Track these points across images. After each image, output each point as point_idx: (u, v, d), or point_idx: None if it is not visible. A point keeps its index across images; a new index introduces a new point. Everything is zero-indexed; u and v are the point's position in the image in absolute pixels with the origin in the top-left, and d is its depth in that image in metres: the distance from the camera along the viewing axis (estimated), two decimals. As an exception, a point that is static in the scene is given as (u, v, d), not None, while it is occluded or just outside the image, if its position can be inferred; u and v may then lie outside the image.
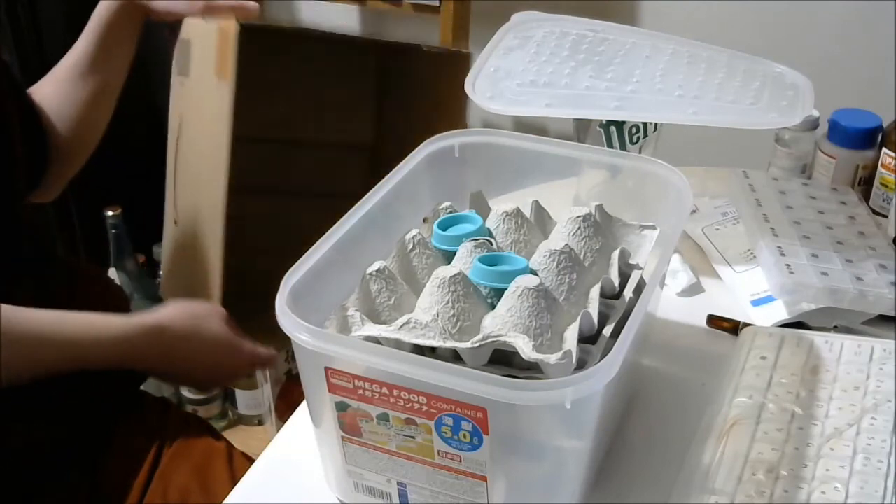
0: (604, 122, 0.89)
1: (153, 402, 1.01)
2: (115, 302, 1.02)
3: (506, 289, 0.62)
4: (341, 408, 0.61)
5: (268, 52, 1.42)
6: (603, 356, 0.58)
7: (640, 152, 0.92)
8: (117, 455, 0.92)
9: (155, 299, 1.72)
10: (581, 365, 0.60)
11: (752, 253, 0.94)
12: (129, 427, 0.94)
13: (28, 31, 1.61)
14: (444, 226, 0.72)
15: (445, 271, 0.63)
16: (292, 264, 0.63)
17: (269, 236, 1.32)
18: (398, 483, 0.64)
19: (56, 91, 1.04)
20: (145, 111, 1.57)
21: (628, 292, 0.68)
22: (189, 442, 0.95)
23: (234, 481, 0.73)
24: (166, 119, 1.39)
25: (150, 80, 1.46)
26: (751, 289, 0.90)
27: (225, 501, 0.70)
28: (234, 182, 1.25)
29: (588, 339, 0.63)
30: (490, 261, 0.66)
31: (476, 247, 0.68)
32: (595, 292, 0.65)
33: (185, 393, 1.72)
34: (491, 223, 0.73)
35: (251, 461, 0.89)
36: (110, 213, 1.61)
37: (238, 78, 1.22)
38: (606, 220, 0.74)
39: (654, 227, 0.75)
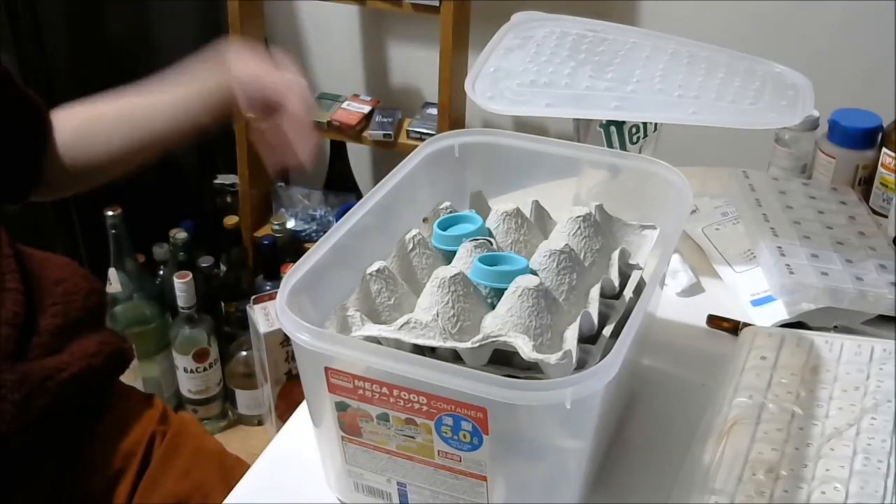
0: (604, 122, 0.89)
1: (140, 398, 0.98)
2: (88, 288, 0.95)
3: (506, 289, 0.62)
4: (341, 408, 0.61)
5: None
6: (603, 356, 0.58)
7: (640, 152, 0.92)
8: (100, 454, 0.89)
9: (155, 299, 1.73)
10: (581, 365, 0.60)
11: (752, 253, 0.94)
12: (116, 425, 0.91)
13: (28, 31, 1.61)
14: (444, 226, 0.72)
15: (445, 271, 0.63)
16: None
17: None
18: (398, 483, 0.64)
19: (92, 123, 0.94)
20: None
21: (628, 292, 0.68)
22: (179, 442, 0.93)
23: (225, 483, 0.72)
24: None
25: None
26: (751, 289, 0.90)
27: (225, 501, 0.70)
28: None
29: (588, 339, 0.63)
30: (490, 261, 0.66)
31: (476, 247, 0.68)
32: (595, 292, 0.65)
33: (186, 393, 1.72)
34: (491, 223, 0.73)
35: (244, 463, 0.88)
36: (110, 213, 1.61)
37: None
38: (606, 220, 0.74)
39: (654, 227, 0.75)
